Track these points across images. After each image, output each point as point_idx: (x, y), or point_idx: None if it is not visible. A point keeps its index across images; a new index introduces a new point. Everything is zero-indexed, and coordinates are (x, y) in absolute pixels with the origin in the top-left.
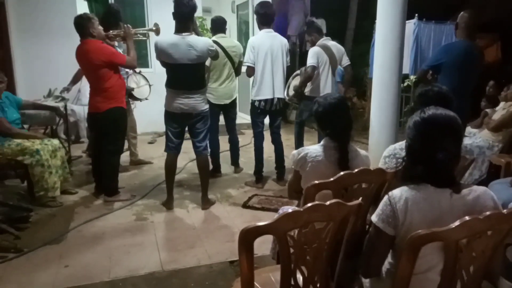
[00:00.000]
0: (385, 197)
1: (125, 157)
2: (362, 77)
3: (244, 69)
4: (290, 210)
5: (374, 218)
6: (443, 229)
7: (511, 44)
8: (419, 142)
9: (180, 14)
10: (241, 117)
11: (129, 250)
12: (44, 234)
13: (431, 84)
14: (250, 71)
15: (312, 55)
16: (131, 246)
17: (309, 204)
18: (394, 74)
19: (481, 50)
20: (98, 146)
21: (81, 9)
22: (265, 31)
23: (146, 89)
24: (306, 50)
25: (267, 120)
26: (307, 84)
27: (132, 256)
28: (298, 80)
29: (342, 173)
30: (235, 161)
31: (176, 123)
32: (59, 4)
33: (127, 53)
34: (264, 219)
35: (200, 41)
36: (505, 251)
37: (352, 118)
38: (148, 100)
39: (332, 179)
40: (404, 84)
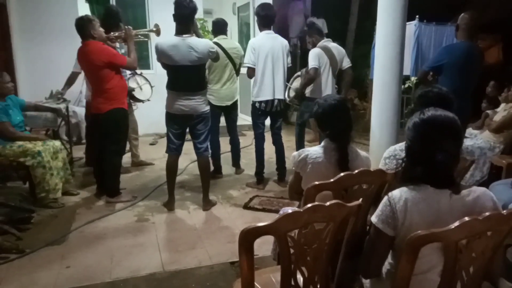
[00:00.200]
0: (385, 198)
1: (127, 159)
2: (364, 78)
3: (244, 70)
4: (290, 211)
5: (373, 218)
6: (442, 229)
7: None
8: (418, 143)
9: (181, 15)
10: (242, 118)
11: (130, 251)
12: (46, 235)
13: (431, 85)
14: (251, 72)
15: (313, 56)
16: (132, 247)
17: (309, 205)
18: (394, 76)
19: (481, 51)
20: (100, 148)
21: (83, 10)
22: (265, 33)
23: (147, 91)
24: (307, 49)
25: (268, 122)
26: (308, 86)
27: (133, 257)
28: (299, 81)
29: (342, 174)
30: (236, 162)
31: (177, 125)
32: (61, 5)
33: (128, 55)
34: (265, 220)
35: (200, 43)
36: (506, 252)
37: (352, 119)
38: (149, 102)
39: (332, 180)
40: (405, 85)
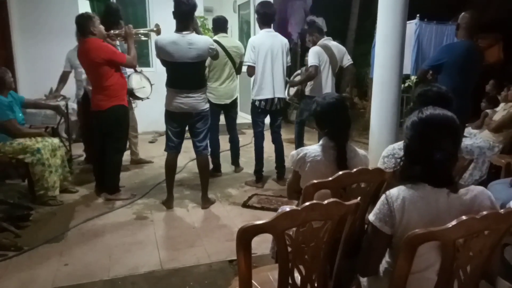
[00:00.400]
0: (383, 196)
1: (126, 156)
2: (364, 77)
3: (244, 68)
4: (288, 209)
5: (371, 217)
6: (440, 228)
7: None
8: (416, 142)
9: (180, 13)
10: (241, 116)
11: (129, 249)
12: (44, 232)
13: (431, 84)
14: (251, 70)
15: (313, 55)
16: (131, 244)
17: (307, 203)
18: (394, 74)
19: (481, 50)
20: (101, 145)
21: (83, 8)
22: (265, 31)
23: (147, 88)
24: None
25: (267, 120)
26: (307, 83)
27: (132, 255)
28: (298, 79)
29: (340, 172)
30: (235, 161)
31: (176, 123)
32: (61, 3)
33: (128, 53)
34: (264, 218)
35: (200, 40)
36: (503, 251)
37: (351, 117)
38: (149, 100)
39: (330, 178)
40: (405, 84)
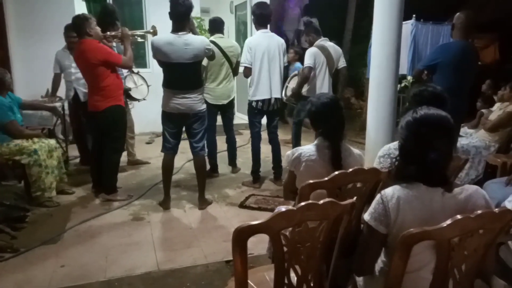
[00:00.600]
0: (378, 196)
1: (123, 157)
2: (360, 78)
3: (241, 69)
4: (283, 209)
5: (366, 216)
6: (434, 227)
7: (509, 45)
8: (411, 142)
9: (176, 13)
10: (238, 117)
11: (125, 250)
12: (41, 233)
13: (426, 84)
14: (247, 71)
15: (309, 56)
16: (127, 245)
17: (303, 203)
18: (391, 75)
19: (477, 50)
20: (98, 145)
21: (79, 9)
22: (261, 32)
23: (144, 89)
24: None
25: (264, 120)
26: (304, 85)
27: (129, 256)
28: (295, 80)
29: (336, 172)
30: (232, 161)
31: (173, 124)
32: (58, 4)
33: (124, 54)
34: (261, 219)
35: (197, 40)
36: (498, 250)
37: (345, 117)
38: (146, 100)
39: (326, 178)
40: (401, 84)
